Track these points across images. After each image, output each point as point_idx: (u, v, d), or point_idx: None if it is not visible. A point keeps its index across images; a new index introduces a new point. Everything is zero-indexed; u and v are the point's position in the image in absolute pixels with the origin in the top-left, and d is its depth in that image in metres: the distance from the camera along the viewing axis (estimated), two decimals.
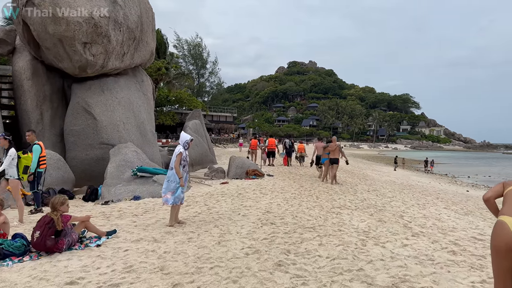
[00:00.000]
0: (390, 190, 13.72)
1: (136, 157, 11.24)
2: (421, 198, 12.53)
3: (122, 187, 9.77)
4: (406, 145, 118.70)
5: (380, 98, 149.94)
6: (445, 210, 9.70)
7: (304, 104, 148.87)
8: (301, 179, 13.56)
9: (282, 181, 12.42)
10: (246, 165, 13.69)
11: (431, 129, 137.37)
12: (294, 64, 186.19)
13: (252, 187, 10.47)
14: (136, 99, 14.72)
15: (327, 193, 10.22)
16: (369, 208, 8.30)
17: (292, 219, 6.66)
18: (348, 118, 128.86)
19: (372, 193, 11.52)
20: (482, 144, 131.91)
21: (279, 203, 8.18)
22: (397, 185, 17.69)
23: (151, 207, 7.92)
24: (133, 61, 14.48)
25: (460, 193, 18.71)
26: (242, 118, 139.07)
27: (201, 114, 19.76)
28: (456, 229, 6.77)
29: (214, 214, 6.99)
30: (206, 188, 10.37)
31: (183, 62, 59.65)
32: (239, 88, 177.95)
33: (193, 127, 17.71)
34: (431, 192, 16.70)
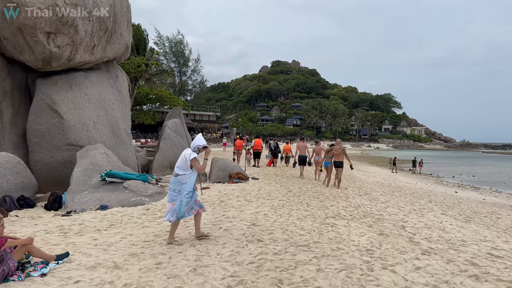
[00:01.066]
0: (382, 193, 12.98)
1: (106, 160, 10.12)
2: (415, 202, 11.82)
3: (88, 194, 8.66)
4: (388, 145, 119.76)
5: (363, 98, 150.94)
6: (444, 217, 8.96)
7: (287, 103, 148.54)
8: (288, 183, 12.66)
9: (268, 185, 11.49)
10: (229, 168, 12.70)
11: (412, 129, 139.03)
12: (278, 63, 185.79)
13: (235, 193, 9.49)
14: (109, 96, 13.56)
15: (318, 199, 9.34)
16: (366, 217, 7.45)
17: (282, 233, 5.72)
18: (331, 117, 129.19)
19: (365, 198, 10.72)
20: (462, 143, 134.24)
21: (266, 212, 7.23)
22: (386, 187, 17.04)
23: (119, 219, 6.86)
24: (105, 55, 13.30)
25: (450, 195, 18.19)
26: (225, 117, 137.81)
27: (182, 112, 18.65)
28: (466, 243, 5.97)
29: (191, 228, 5.99)
30: None
31: (164, 59, 58.09)
32: (223, 87, 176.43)
33: (172, 127, 16.60)
34: (421, 194, 16.09)
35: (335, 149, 12.36)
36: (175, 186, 5.27)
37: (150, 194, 8.61)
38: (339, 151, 12.22)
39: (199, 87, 65.49)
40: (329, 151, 12.68)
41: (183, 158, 5.32)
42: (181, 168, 5.31)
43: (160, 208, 7.74)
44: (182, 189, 5.22)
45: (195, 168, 5.27)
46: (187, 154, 5.30)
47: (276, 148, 21.20)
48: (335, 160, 12.26)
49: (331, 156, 12.49)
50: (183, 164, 5.30)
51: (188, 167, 5.25)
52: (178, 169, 5.35)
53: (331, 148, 12.72)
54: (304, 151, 15.41)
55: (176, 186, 5.27)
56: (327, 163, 12.85)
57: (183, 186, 5.23)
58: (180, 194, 5.21)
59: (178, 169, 5.35)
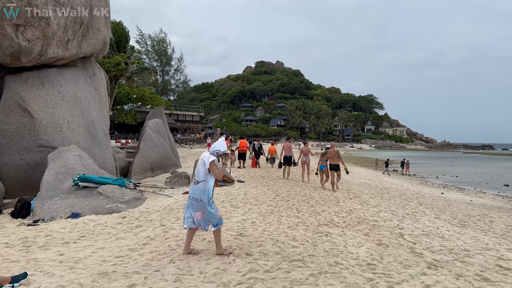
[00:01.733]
0: (371, 196, 12.59)
1: (80, 162, 9.38)
2: (406, 205, 11.46)
3: (59, 200, 7.92)
4: (371, 145, 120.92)
5: (346, 99, 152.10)
6: (439, 222, 8.58)
7: (271, 104, 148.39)
8: (275, 185, 12.12)
9: (255, 189, 10.92)
10: None
11: (394, 129, 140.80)
12: (262, 64, 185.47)
13: (220, 198, 8.89)
14: (85, 94, 12.78)
15: (308, 203, 8.83)
16: (361, 223, 6.97)
17: (272, 245, 5.16)
18: (315, 118, 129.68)
19: (355, 201, 10.27)
20: (443, 143, 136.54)
21: (254, 220, 6.66)
22: (373, 189, 16.72)
23: (91, 230, 6.18)
24: (81, 50, 12.51)
25: (437, 196, 18.00)
26: (209, 117, 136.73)
27: (163, 112, 17.91)
28: (470, 252, 5.54)
29: (172, 240, 5.37)
30: (165, 200, 8.67)
31: (146, 58, 56.86)
32: (206, 87, 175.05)
33: (153, 127, 15.87)
34: (410, 196, 15.82)
35: (330, 152, 12.24)
36: (196, 195, 4.68)
37: (127, 200, 7.93)
38: (333, 154, 12.11)
39: (183, 87, 64.37)
40: (324, 154, 12.51)
41: (201, 163, 4.74)
42: (202, 173, 4.71)
43: (138, 216, 7.08)
44: (203, 197, 4.63)
45: (212, 173, 4.68)
46: (206, 158, 4.71)
47: (260, 149, 20.75)
48: (331, 163, 12.13)
49: (326, 159, 12.33)
50: (202, 169, 4.71)
51: (206, 171, 4.68)
52: (198, 175, 4.74)
53: (325, 151, 12.55)
54: (289, 151, 14.99)
55: (196, 194, 4.68)
56: (323, 166, 12.61)
57: (203, 194, 4.64)
58: (204, 203, 4.62)
59: (198, 175, 4.74)
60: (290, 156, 14.80)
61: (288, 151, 14.93)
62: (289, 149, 15.00)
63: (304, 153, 14.70)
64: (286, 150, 15.02)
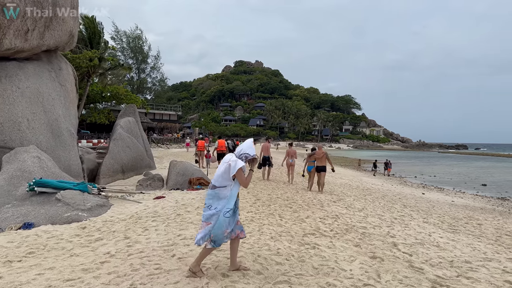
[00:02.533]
0: (355, 198, 12.07)
1: (38, 165, 8.42)
2: (391, 208, 10.99)
3: (11, 208, 6.97)
4: (349, 145, 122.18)
5: (324, 99, 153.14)
6: (429, 227, 8.08)
7: (251, 103, 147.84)
8: (255, 188, 11.43)
9: None
10: (189, 172, 11.28)
11: (371, 129, 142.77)
12: (241, 63, 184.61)
13: (196, 203, 8.11)
14: (49, 91, 11.74)
15: (291, 208, 8.17)
16: (349, 232, 6.35)
17: (253, 262, 4.46)
18: (294, 118, 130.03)
19: (340, 205, 9.70)
20: (418, 143, 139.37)
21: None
22: (356, 190, 16.29)
23: (42, 244, 5.31)
24: (44, 42, 11.45)
25: (419, 197, 17.76)
26: (188, 117, 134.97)
27: (136, 110, 16.91)
28: (471, 265, 5.00)
29: (135, 257, 4.59)
30: (133, 207, 7.81)
31: (122, 55, 55.12)
32: (185, 86, 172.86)
33: (125, 126, 14.89)
34: (392, 197, 15.45)
35: (318, 153, 12.13)
36: (211, 202, 3.95)
37: (89, 208, 7.06)
38: (321, 155, 12.00)
39: (159, 85, 62.75)
40: (312, 155, 12.38)
41: (226, 166, 3.97)
42: (222, 178, 3.97)
43: (100, 226, 6.23)
44: (221, 205, 3.89)
45: (239, 181, 3.93)
46: (232, 161, 3.95)
47: (234, 147, 20.21)
48: (318, 164, 12.01)
49: (314, 160, 12.21)
50: (225, 173, 3.95)
51: (230, 177, 3.94)
52: (217, 179, 4.00)
53: (313, 153, 12.41)
54: (267, 152, 14.56)
55: (212, 201, 3.95)
56: (310, 168, 12.49)
57: (221, 202, 3.90)
58: (217, 213, 3.88)
59: (217, 179, 4.00)
60: (268, 157, 14.39)
61: (266, 151, 14.46)
62: (267, 149, 14.57)
63: (290, 155, 14.44)
64: (264, 150, 14.58)
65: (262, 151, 14.69)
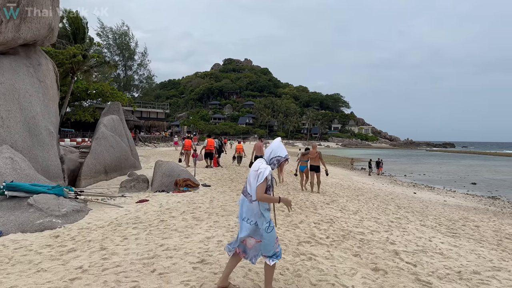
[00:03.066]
0: (348, 199, 11.68)
1: (10, 166, 7.79)
2: (386, 210, 10.61)
3: None
4: (338, 143, 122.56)
5: (313, 97, 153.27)
6: (427, 231, 7.70)
7: (240, 102, 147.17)
8: None
9: (222, 194, 9.67)
10: (175, 173, 10.72)
11: (360, 128, 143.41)
12: (230, 61, 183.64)
13: (181, 207, 7.58)
14: (26, 87, 11.05)
15: (283, 212, 7.69)
16: (347, 238, 5.91)
17: (243, 277, 3.96)
18: (283, 116, 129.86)
19: (333, 207, 9.27)
20: (406, 141, 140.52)
21: (220, 238, 5.42)
22: (347, 190, 15.94)
23: (8, 256, 4.73)
24: (20, 35, 10.75)
25: (411, 197, 17.49)
26: (176, 115, 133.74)
27: (121, 108, 16.24)
28: (481, 276, 4.60)
29: (110, 273, 4.05)
30: (113, 212, 7.23)
31: (108, 52, 53.92)
32: (173, 84, 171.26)
33: (109, 124, 14.23)
34: (384, 197, 15.12)
35: (311, 152, 11.90)
36: (250, 216, 3.37)
37: (65, 214, 6.47)
38: (315, 155, 11.78)
39: (147, 83, 61.62)
40: (305, 155, 12.18)
41: (254, 176, 3.39)
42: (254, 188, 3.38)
43: (75, 234, 5.66)
44: (259, 221, 3.35)
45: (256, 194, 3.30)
46: (261, 169, 3.37)
47: (221, 147, 19.92)
48: (312, 164, 11.80)
49: (307, 159, 12.00)
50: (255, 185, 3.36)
51: None
52: (250, 190, 3.42)
53: (307, 152, 12.20)
54: (260, 151, 14.14)
55: (250, 215, 3.37)
56: (303, 167, 12.28)
57: (259, 217, 3.34)
58: (258, 230, 3.35)
59: (250, 190, 3.42)
60: (261, 156, 13.91)
61: (259, 151, 14.08)
62: (260, 149, 14.17)
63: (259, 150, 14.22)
64: (257, 150, 14.19)
65: (254, 151, 14.38)
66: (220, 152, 19.91)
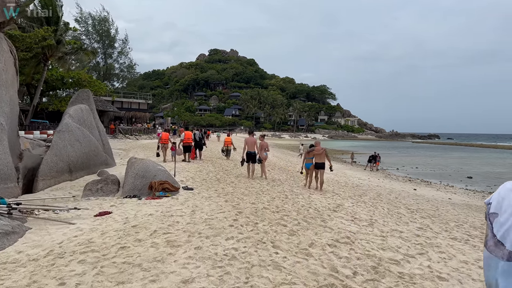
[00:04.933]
0: (353, 202, 10.10)
1: None
2: (399, 215, 9.06)
3: None
4: (324, 135, 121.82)
5: (300, 89, 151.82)
6: (466, 248, 6.13)
7: (226, 93, 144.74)
8: (235, 193, 9.19)
9: (208, 202, 7.89)
10: (150, 174, 8.91)
11: (346, 119, 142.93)
12: (216, 52, 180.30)
13: (153, 224, 5.80)
14: None
15: (285, 227, 6.01)
16: (382, 275, 4.23)
17: None
18: (270, 108, 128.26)
19: (342, 215, 7.65)
20: (391, 133, 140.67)
21: (204, 283, 3.69)
22: (345, 188, 14.47)
23: None
24: None
25: (413, 195, 16.12)
26: (161, 106, 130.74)
27: (91, 96, 14.22)
28: None
29: None
30: (60, 232, 5.38)
31: (87, 39, 50.96)
32: (157, 75, 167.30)
33: (76, 115, 12.26)
34: (387, 196, 13.66)
35: (317, 149, 11.56)
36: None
37: None
38: (320, 152, 11.47)
39: (127, 71, 58.71)
40: (310, 152, 11.82)
41: None
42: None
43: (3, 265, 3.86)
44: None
45: None
46: None
47: (201, 139, 18.20)
48: (317, 161, 11.52)
49: (312, 156, 11.68)
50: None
51: None
52: None
53: (312, 149, 11.82)
54: (253, 147, 12.59)
55: None
56: (309, 165, 11.96)
57: None
58: None
59: None
60: (254, 153, 12.58)
61: (252, 147, 12.68)
62: (253, 144, 12.67)
63: (264, 148, 13.18)
64: (249, 145, 12.74)
65: (246, 146, 12.90)
66: (201, 146, 18.17)
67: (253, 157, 12.69)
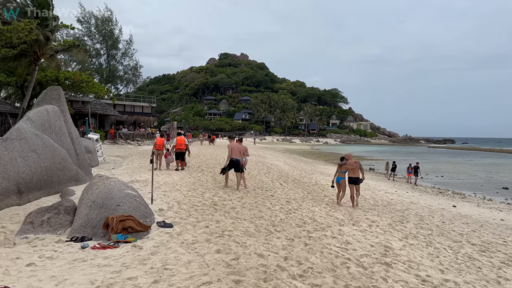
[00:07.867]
0: (400, 237, 7.23)
1: None
2: (472, 259, 6.18)
3: None
4: (336, 139, 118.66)
5: (311, 93, 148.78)
6: None
7: (236, 97, 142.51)
8: (235, 228, 6.38)
9: (189, 254, 5.01)
10: (113, 202, 6.17)
11: (358, 124, 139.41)
12: (226, 56, 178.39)
13: None
14: None
15: None
16: None
17: None
18: (281, 112, 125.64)
19: (401, 274, 4.83)
20: (405, 137, 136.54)
21: None
22: (374, 206, 11.63)
23: None
24: None
25: (457, 214, 13.15)
26: (171, 110, 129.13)
27: (62, 95, 11.60)
28: None
29: None
30: None
31: (89, 40, 48.81)
32: (167, 79, 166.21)
33: (38, 119, 9.64)
34: (430, 219, 10.77)
35: (349, 163, 10.82)
36: None
37: None
38: (354, 165, 10.75)
39: (132, 73, 56.20)
40: (342, 165, 10.95)
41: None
42: None
43: None
44: None
45: None
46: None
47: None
48: (350, 175, 10.80)
49: (344, 170, 10.91)
50: None
51: None
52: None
53: (344, 162, 10.94)
54: (237, 154, 11.40)
55: None
56: (340, 178, 11.06)
57: None
58: None
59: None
60: (238, 160, 11.28)
61: (236, 153, 11.41)
62: (237, 151, 11.47)
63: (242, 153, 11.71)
64: (234, 152, 11.42)
65: (230, 153, 11.48)
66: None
67: (236, 164, 11.27)
